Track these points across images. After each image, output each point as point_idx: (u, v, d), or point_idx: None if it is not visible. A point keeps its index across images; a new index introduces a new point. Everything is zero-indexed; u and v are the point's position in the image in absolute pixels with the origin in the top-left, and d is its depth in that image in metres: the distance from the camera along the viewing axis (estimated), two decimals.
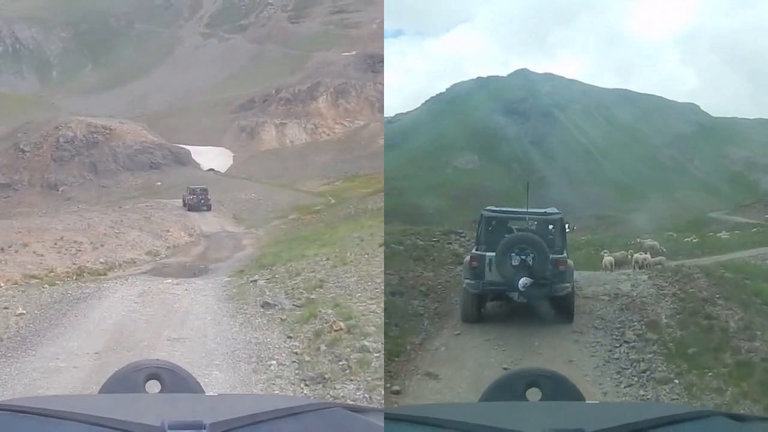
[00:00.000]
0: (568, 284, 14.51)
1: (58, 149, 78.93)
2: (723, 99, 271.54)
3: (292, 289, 17.46)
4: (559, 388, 2.80)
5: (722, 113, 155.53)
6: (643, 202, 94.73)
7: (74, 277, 27.56)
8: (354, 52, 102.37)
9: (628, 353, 12.75)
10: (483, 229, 15.60)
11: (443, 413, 2.32)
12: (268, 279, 20.05)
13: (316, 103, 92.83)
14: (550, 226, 16.15)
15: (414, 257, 20.09)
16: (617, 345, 13.29)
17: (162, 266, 30.67)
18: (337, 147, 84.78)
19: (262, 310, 15.51)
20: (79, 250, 31.57)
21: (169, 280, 23.22)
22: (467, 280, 14.56)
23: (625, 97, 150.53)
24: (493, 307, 15.68)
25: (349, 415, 2.31)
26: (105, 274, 28.40)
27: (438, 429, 2.16)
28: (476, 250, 15.11)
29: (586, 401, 2.82)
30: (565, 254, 15.10)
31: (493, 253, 14.23)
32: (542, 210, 16.68)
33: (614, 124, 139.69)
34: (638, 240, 41.27)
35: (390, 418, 2.28)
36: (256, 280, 20.23)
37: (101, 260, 30.77)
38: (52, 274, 27.85)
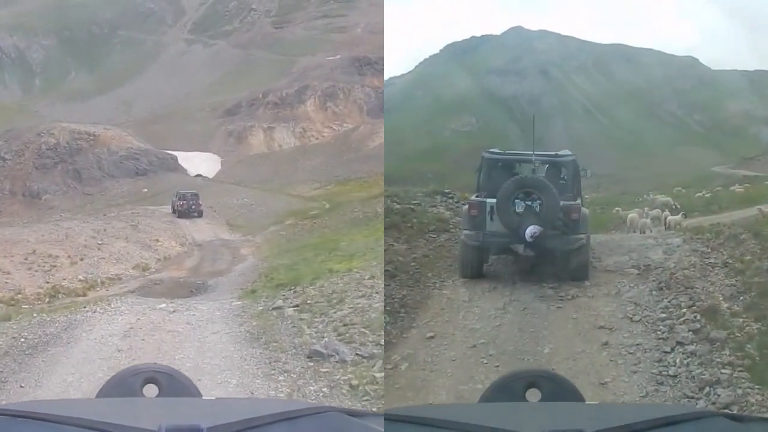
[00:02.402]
0: (582, 235, 12.31)
1: (41, 156, 73.16)
2: (722, 52, 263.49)
3: (344, 325, 11.62)
4: (558, 389, 2.67)
5: (722, 66, 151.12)
6: (644, 159, 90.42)
7: (46, 300, 21.91)
8: (339, 56, 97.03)
9: (688, 365, 8.12)
10: (484, 175, 13.50)
11: (443, 414, 2.24)
12: (297, 306, 14.24)
13: (304, 106, 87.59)
14: (563, 170, 13.86)
15: (385, 225, 15.61)
16: (667, 349, 8.72)
17: (152, 283, 24.84)
18: (326, 150, 79.82)
19: (311, 364, 9.76)
20: (54, 266, 25.59)
21: (164, 305, 17.48)
22: (466, 231, 12.51)
23: (622, 52, 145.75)
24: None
25: (346, 419, 2.19)
26: (84, 295, 22.73)
27: (438, 430, 2.04)
28: (476, 197, 12.94)
29: (586, 402, 2.71)
30: (579, 201, 12.97)
31: (495, 200, 12.17)
32: (553, 153, 14.32)
33: (612, 80, 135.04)
34: (650, 196, 37.23)
35: (390, 418, 2.15)
36: (280, 308, 14.44)
37: (80, 277, 24.90)
38: (19, 296, 22.13)
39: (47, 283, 23.60)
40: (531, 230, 11.67)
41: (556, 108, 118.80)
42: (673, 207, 30.76)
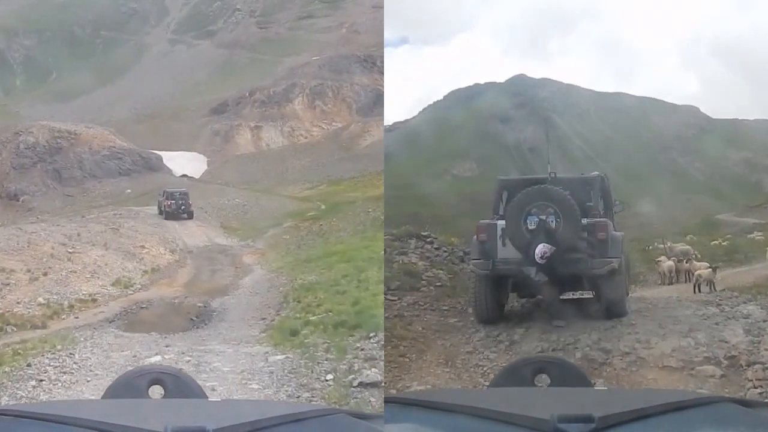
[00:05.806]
0: (613, 259, 9.74)
1: (19, 156, 65.82)
2: (723, 101, 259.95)
3: None
4: (567, 375, 2.58)
5: (722, 115, 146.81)
6: (646, 206, 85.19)
7: None
8: (326, 56, 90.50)
9: None
10: (498, 200, 10.93)
11: (450, 398, 2.18)
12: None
13: (291, 105, 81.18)
14: (589, 190, 10.96)
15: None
16: None
17: (138, 307, 17.69)
18: (316, 150, 73.56)
19: None
20: (7, 284, 18.31)
21: (157, 358, 10.46)
22: (474, 260, 10.26)
23: (624, 100, 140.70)
24: None
25: (352, 422, 2.11)
26: (43, 326, 15.66)
27: (445, 414, 1.97)
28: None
29: (595, 387, 2.51)
30: (607, 220, 10.48)
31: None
32: (578, 174, 12.53)
33: (614, 128, 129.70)
34: (668, 244, 31.47)
35: (392, 401, 2.05)
36: (376, 386, 7.36)
37: (40, 299, 17.62)
38: None
39: None
40: (540, 249, 9.47)
41: (558, 154, 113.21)
42: (693, 256, 24.99)
